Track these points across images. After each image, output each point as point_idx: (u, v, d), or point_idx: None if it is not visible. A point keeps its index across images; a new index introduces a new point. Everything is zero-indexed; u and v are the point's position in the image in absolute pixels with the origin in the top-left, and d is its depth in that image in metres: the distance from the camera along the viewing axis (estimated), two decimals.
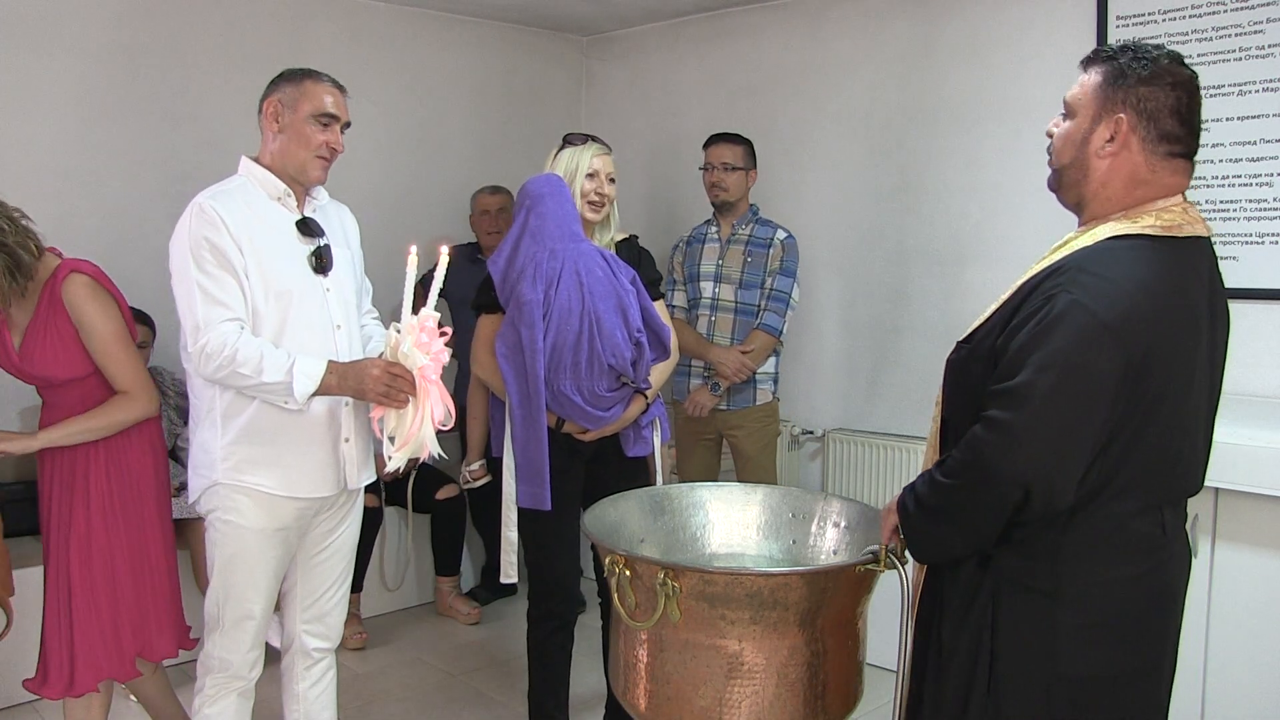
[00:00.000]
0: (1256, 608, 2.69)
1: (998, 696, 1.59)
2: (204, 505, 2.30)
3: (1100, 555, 1.56)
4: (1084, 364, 1.46)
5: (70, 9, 3.56)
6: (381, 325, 2.55)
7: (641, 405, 2.73)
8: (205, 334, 2.14)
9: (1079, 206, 1.67)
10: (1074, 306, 1.48)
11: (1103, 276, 1.50)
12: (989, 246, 3.59)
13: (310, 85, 2.28)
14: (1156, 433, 1.54)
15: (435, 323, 2.13)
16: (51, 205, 3.60)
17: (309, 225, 2.31)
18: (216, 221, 2.16)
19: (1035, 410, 1.47)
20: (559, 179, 2.70)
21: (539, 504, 2.60)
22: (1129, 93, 1.56)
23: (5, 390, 3.52)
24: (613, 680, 2.09)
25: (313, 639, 2.48)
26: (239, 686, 2.36)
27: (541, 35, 4.84)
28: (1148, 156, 1.58)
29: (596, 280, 2.58)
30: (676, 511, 2.32)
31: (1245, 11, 3.03)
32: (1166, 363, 1.52)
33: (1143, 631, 1.60)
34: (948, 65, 3.67)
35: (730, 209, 3.69)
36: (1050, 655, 1.56)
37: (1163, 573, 1.61)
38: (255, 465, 2.25)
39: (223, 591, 2.29)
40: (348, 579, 2.53)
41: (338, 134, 2.31)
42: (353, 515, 2.50)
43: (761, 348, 3.60)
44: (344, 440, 2.34)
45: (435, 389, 2.14)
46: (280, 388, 2.14)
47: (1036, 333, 1.49)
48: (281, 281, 2.23)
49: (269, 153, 2.30)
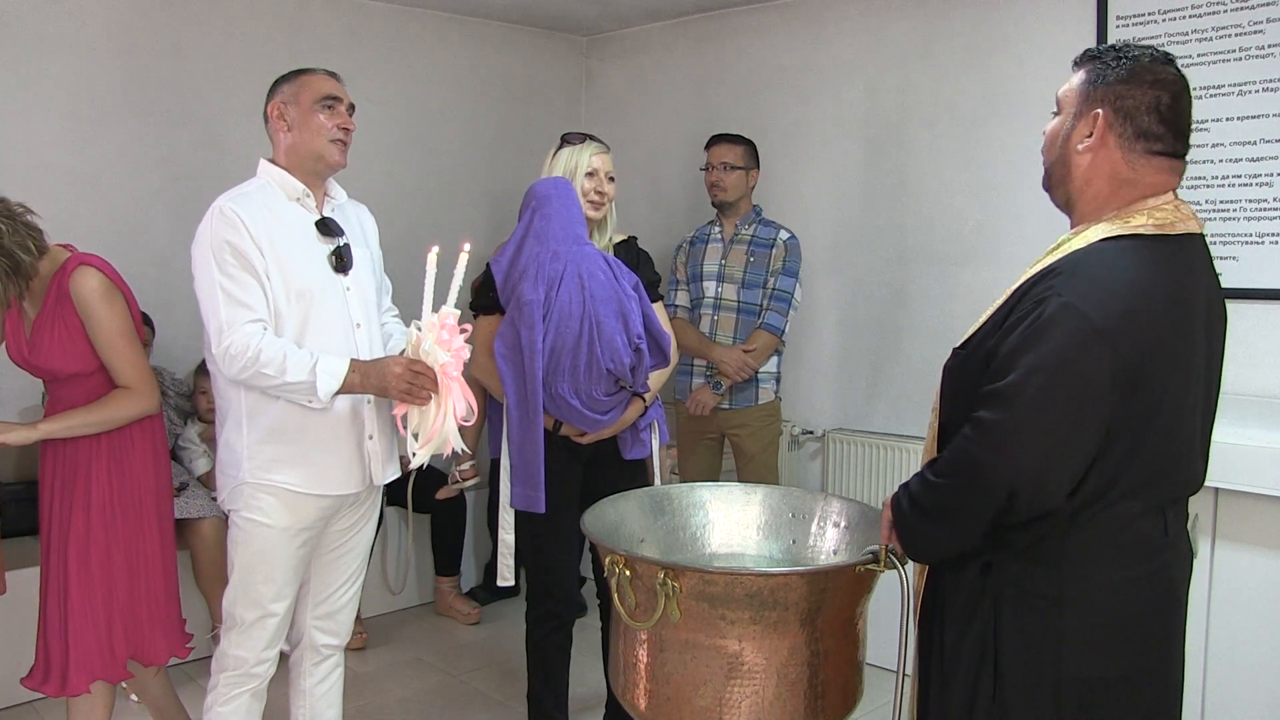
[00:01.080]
0: (1256, 608, 2.69)
1: (1004, 703, 1.59)
2: (229, 504, 2.33)
3: (1104, 557, 1.55)
4: (1073, 367, 1.46)
5: (70, 9, 3.56)
6: (402, 323, 2.57)
7: (639, 408, 2.73)
8: (229, 335, 2.15)
9: (1068, 205, 1.68)
10: (1065, 310, 1.47)
11: (1095, 279, 1.50)
12: (989, 246, 3.59)
13: (306, 77, 2.33)
14: (1157, 433, 1.54)
15: (455, 320, 2.17)
16: (52, 205, 3.58)
17: (328, 225, 2.33)
18: (237, 223, 2.18)
19: (1022, 412, 1.47)
20: (566, 182, 2.70)
21: (533, 506, 2.59)
22: (1107, 90, 1.58)
23: (6, 390, 3.52)
24: (613, 680, 2.09)
25: (322, 635, 2.50)
26: (252, 686, 2.37)
27: (541, 35, 4.84)
28: (1126, 154, 1.59)
29: (599, 284, 2.58)
30: (676, 511, 2.32)
31: (1245, 11, 3.02)
32: (1165, 363, 1.52)
33: (1148, 633, 1.59)
34: (948, 65, 3.67)
35: (731, 209, 3.69)
36: (1056, 659, 1.55)
37: (1166, 573, 1.61)
38: (281, 464, 2.27)
39: (242, 590, 2.31)
40: (360, 577, 2.54)
41: (345, 115, 2.34)
42: (373, 513, 2.52)
43: (764, 347, 3.61)
44: (368, 438, 2.36)
45: (457, 385, 2.17)
46: (304, 387, 2.16)
47: (1027, 336, 1.49)
48: (302, 281, 2.25)
49: (283, 152, 2.32)
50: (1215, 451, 1.73)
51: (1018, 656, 1.58)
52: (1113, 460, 1.51)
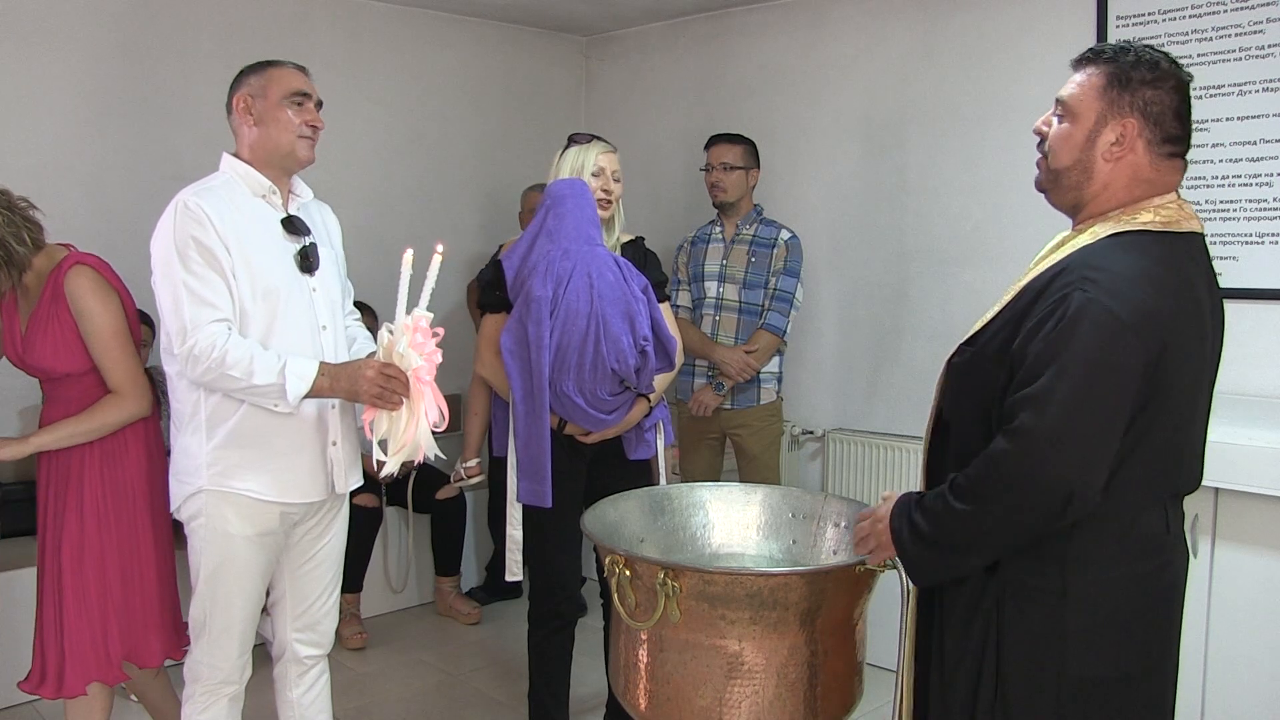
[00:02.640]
0: (1256, 608, 2.69)
1: (1006, 703, 1.58)
2: (186, 512, 2.25)
3: (1108, 554, 1.55)
4: (1108, 362, 1.45)
5: (70, 9, 3.56)
6: (364, 326, 2.53)
7: (644, 409, 2.73)
8: (193, 336, 2.08)
9: (1075, 208, 1.66)
10: (1090, 304, 1.46)
11: (1113, 273, 1.50)
12: (989, 246, 3.59)
13: (274, 71, 2.25)
14: (1167, 428, 1.54)
15: (429, 323, 2.11)
16: (51, 205, 3.58)
17: (295, 223, 2.27)
18: (203, 219, 2.10)
19: (1063, 412, 1.45)
20: (582, 183, 2.69)
21: (540, 500, 2.60)
22: (1135, 95, 1.56)
23: (6, 390, 3.52)
24: (613, 680, 2.09)
25: (304, 647, 2.45)
26: (229, 692, 2.33)
27: (541, 35, 4.84)
28: (1152, 158, 1.59)
29: (607, 284, 2.58)
30: (676, 511, 2.32)
31: (1245, 11, 3.02)
32: (1179, 357, 1.52)
33: (1150, 630, 1.59)
34: (948, 65, 3.67)
35: (732, 209, 3.69)
36: (1059, 657, 1.55)
37: (1168, 570, 1.61)
38: (242, 470, 2.20)
39: (209, 599, 2.25)
40: (337, 585, 2.49)
41: (314, 111, 2.27)
42: (339, 520, 2.44)
43: (765, 347, 3.61)
44: (331, 443, 2.29)
45: (429, 390, 2.11)
46: (272, 390, 2.10)
47: (1055, 336, 1.48)
48: (269, 280, 2.18)
49: (248, 147, 2.25)
50: (1215, 451, 1.74)
51: (1020, 655, 1.57)
52: (1122, 452, 1.50)
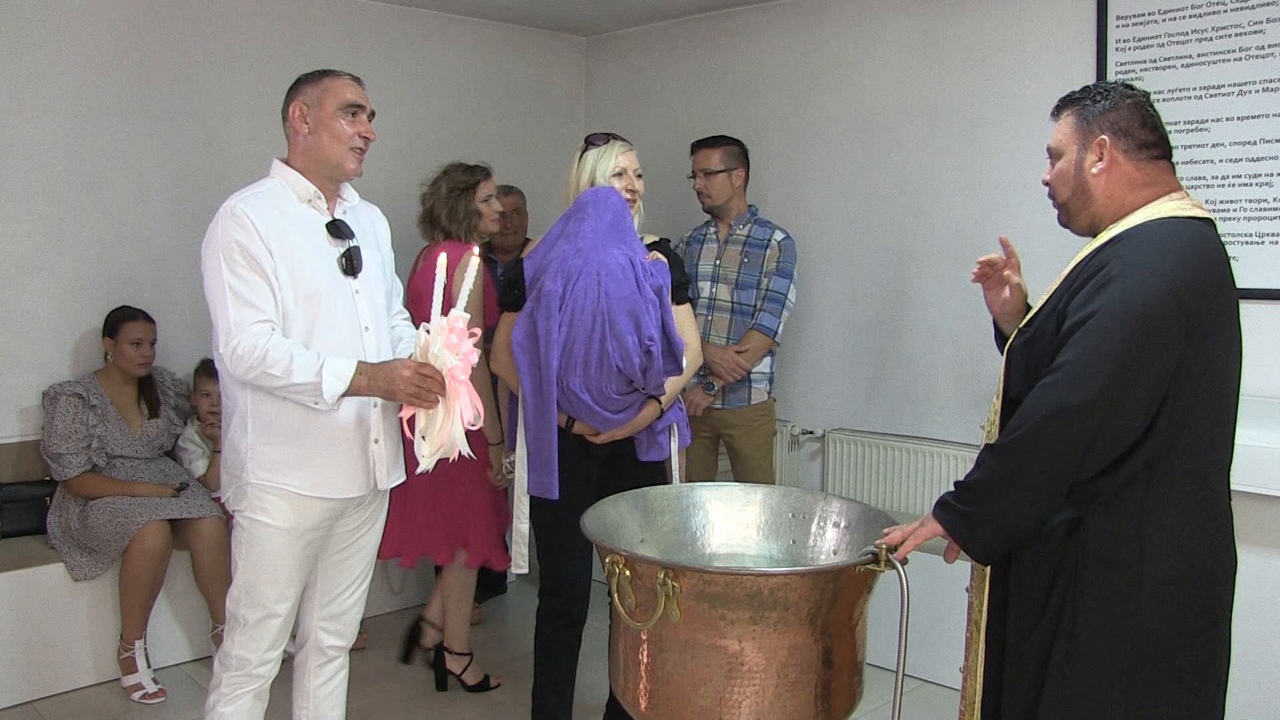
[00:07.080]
0: (1257, 608, 2.69)
1: (1075, 658, 1.69)
2: (233, 504, 2.33)
3: (1182, 511, 1.67)
4: (1136, 306, 1.60)
5: (71, 9, 3.56)
6: (411, 326, 2.57)
7: (655, 411, 2.73)
8: (236, 336, 2.16)
9: (1093, 228, 1.81)
10: (1132, 267, 1.63)
11: (1155, 243, 1.67)
12: (989, 246, 3.55)
13: (330, 81, 2.33)
14: (1216, 385, 1.69)
15: (465, 324, 2.17)
16: (51, 205, 3.61)
17: (339, 227, 2.34)
18: (247, 224, 2.18)
19: (1093, 345, 1.61)
20: (608, 190, 2.70)
21: (547, 493, 2.61)
22: (1101, 119, 1.79)
23: (7, 390, 3.52)
24: (613, 680, 2.09)
25: (329, 636, 2.50)
26: (255, 686, 2.36)
27: (541, 35, 4.84)
28: (1136, 164, 1.77)
29: (616, 283, 2.59)
30: (676, 511, 2.32)
31: (1245, 11, 3.03)
32: (1221, 325, 1.69)
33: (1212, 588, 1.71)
34: (948, 65, 3.68)
35: (722, 211, 3.69)
36: (1134, 614, 1.65)
37: (1229, 531, 1.75)
38: (285, 466, 2.26)
39: (246, 590, 2.30)
40: (367, 579, 2.54)
41: (366, 123, 2.35)
42: (380, 516, 2.52)
43: (756, 348, 3.60)
44: (373, 441, 2.36)
45: (464, 389, 2.17)
46: (309, 388, 2.16)
47: (1094, 290, 1.65)
48: (311, 283, 2.25)
49: (300, 154, 2.32)
50: None
51: (1096, 615, 1.68)
52: (1182, 401, 1.64)
